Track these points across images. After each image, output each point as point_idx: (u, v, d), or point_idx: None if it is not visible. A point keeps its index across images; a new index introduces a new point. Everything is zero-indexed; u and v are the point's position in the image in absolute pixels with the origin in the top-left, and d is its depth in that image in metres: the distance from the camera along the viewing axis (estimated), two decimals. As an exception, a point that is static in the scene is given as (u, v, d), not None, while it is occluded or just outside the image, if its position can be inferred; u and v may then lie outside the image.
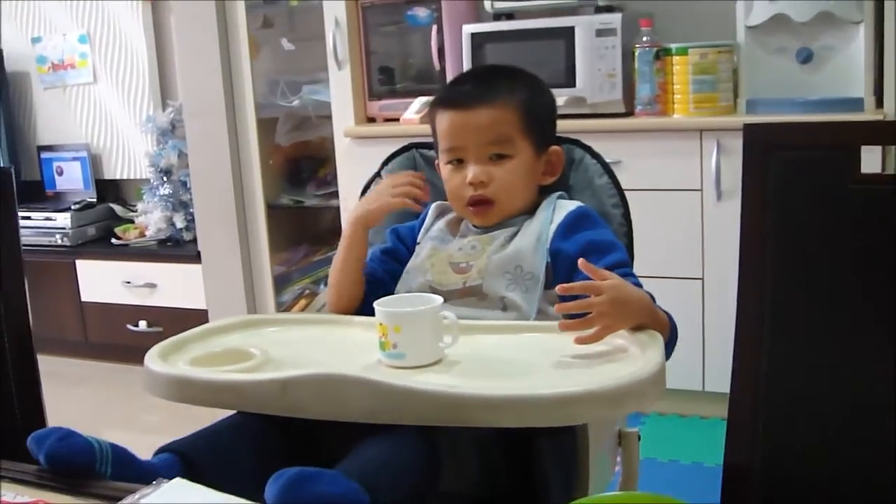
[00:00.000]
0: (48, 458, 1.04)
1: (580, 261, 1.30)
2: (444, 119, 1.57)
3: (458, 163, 1.57)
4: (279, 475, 0.97)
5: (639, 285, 1.42)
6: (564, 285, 1.29)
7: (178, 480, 0.99)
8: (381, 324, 1.27)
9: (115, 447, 1.09)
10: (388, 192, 1.57)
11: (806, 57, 2.89)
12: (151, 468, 1.11)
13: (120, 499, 0.95)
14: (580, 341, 1.26)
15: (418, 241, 1.64)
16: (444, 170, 1.60)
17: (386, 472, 1.12)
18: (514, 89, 1.56)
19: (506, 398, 1.10)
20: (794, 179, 1.25)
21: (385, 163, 1.80)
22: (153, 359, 1.30)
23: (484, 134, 1.53)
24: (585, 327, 1.26)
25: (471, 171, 1.54)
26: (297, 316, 1.69)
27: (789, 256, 1.25)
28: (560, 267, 1.48)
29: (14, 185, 1.63)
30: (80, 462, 1.05)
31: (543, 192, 1.61)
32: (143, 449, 1.22)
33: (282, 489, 0.96)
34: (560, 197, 1.59)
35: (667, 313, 1.38)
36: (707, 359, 2.92)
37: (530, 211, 1.57)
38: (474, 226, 1.59)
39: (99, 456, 1.06)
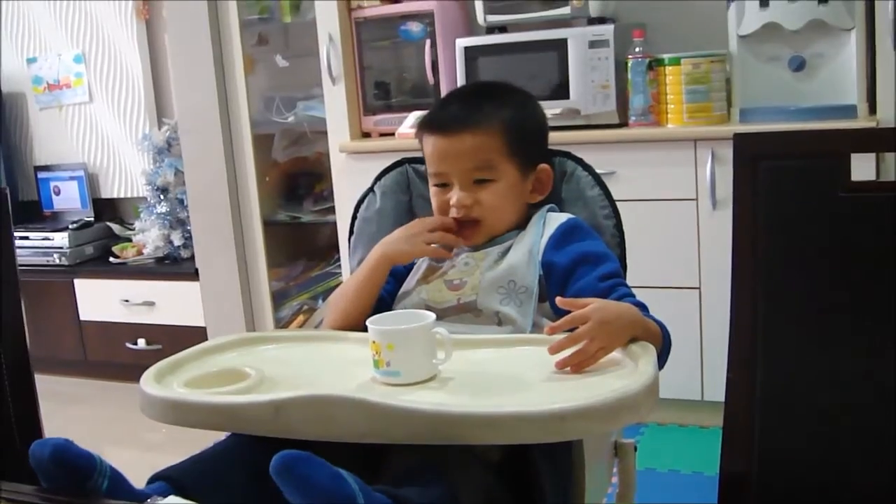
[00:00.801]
0: (53, 454, 1.04)
1: (557, 299, 1.32)
2: (429, 143, 1.59)
3: (444, 186, 1.58)
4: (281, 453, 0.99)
5: (631, 295, 1.43)
6: (552, 325, 1.31)
7: (172, 498, 0.99)
8: (373, 342, 1.27)
9: (112, 468, 1.09)
10: (421, 237, 1.56)
11: (798, 65, 2.89)
12: (145, 496, 1.11)
13: (116, 517, 0.96)
14: (577, 369, 1.26)
15: (415, 260, 1.64)
16: (431, 190, 1.61)
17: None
18: (499, 111, 1.56)
19: (499, 415, 1.09)
20: (785, 188, 1.26)
21: (378, 178, 1.81)
22: (148, 381, 1.30)
23: (467, 160, 1.54)
24: (581, 358, 1.26)
25: (454, 196, 1.55)
26: (292, 333, 1.68)
27: (781, 265, 1.26)
28: (553, 280, 1.49)
29: (10, 205, 1.64)
30: (81, 465, 1.05)
31: (535, 205, 1.61)
32: (144, 466, 1.22)
33: (278, 463, 0.98)
34: (551, 210, 1.60)
35: (658, 322, 1.38)
36: (706, 368, 2.91)
37: (522, 226, 1.58)
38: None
39: (98, 468, 1.06)
